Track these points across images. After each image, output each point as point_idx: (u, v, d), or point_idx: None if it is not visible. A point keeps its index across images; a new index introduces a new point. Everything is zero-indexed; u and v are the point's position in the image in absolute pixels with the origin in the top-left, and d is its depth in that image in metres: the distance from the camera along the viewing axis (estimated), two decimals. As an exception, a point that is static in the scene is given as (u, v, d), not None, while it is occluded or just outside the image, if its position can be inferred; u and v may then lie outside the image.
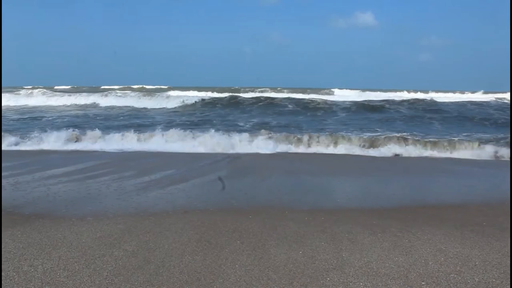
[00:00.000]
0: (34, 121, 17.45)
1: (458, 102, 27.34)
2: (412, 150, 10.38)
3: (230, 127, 14.50)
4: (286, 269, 3.22)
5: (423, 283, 3.01)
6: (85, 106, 25.34)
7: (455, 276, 3.12)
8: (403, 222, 4.42)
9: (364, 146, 11.00)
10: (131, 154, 9.62)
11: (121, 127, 14.50)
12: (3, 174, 6.64)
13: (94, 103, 26.39)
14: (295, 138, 11.42)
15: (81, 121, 17.25)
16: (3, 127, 13.35)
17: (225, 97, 27.88)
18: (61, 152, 9.68)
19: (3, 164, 7.48)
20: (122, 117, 19.55)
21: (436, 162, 9.03)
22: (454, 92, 50.43)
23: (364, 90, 53.44)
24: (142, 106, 24.52)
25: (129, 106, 24.57)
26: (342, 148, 10.70)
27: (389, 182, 6.92)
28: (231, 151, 10.08)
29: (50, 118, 18.31)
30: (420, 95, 38.62)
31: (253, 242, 3.76)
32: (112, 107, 24.43)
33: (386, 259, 3.42)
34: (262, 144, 10.63)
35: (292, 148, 10.72)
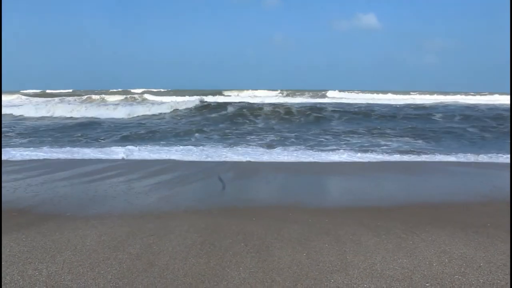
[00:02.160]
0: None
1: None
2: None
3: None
4: (290, 271, 3.22)
5: (427, 284, 3.00)
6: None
7: (460, 277, 3.11)
8: (407, 223, 4.41)
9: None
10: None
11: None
12: (12, 177, 6.67)
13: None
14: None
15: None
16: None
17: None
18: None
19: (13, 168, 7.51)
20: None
21: (440, 164, 9.00)
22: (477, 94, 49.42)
23: (372, 92, 53.08)
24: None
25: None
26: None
27: (393, 183, 6.90)
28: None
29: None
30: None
31: (257, 245, 3.76)
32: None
33: (391, 261, 3.41)
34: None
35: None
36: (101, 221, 4.45)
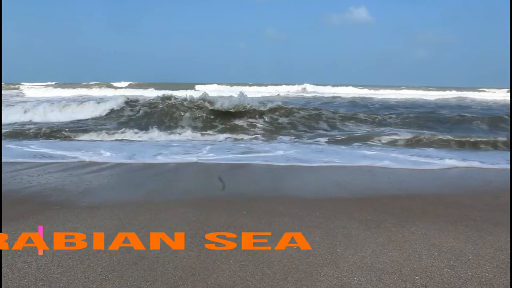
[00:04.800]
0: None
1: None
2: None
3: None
4: (281, 264, 3.22)
5: (416, 277, 3.03)
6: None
7: (449, 270, 3.14)
8: (397, 217, 4.43)
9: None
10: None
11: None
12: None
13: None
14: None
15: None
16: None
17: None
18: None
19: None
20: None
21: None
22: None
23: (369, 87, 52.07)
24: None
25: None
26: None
27: (385, 176, 6.93)
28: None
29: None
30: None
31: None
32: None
33: (381, 254, 3.43)
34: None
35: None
36: (92, 214, 4.43)
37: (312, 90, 46.59)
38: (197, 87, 43.29)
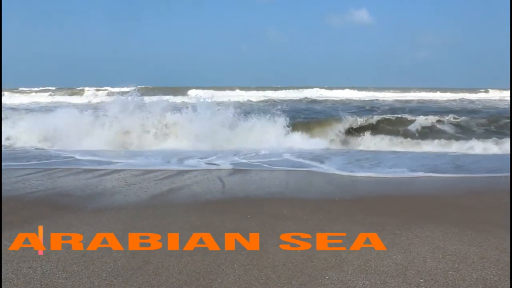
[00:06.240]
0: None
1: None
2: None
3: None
4: (285, 268, 3.22)
5: (421, 280, 3.02)
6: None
7: (453, 273, 3.13)
8: (401, 220, 4.42)
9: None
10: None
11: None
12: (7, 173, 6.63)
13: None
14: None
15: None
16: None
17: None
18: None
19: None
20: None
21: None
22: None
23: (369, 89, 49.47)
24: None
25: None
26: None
27: (388, 179, 6.93)
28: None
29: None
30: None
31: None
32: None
33: (385, 257, 3.42)
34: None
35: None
36: (96, 218, 4.44)
37: (322, 94, 45.12)
38: (190, 92, 39.64)
